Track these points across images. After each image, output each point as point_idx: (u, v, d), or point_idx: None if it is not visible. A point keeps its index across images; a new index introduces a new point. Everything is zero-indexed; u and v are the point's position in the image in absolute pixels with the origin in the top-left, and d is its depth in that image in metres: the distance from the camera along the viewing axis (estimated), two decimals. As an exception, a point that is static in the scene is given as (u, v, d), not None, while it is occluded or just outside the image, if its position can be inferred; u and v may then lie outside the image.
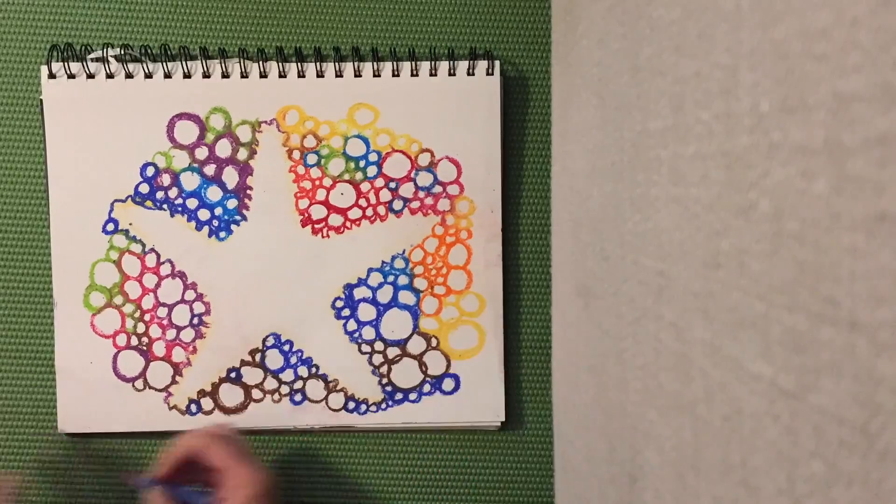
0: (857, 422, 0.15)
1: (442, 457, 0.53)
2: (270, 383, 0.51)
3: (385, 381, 0.51)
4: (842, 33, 0.16)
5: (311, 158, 0.51)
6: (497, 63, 0.50)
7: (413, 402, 0.51)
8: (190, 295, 0.51)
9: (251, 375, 0.51)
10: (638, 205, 0.29)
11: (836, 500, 0.16)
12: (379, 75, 0.50)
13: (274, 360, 0.51)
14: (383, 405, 0.51)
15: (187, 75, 0.50)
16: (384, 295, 0.51)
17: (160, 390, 0.51)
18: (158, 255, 0.51)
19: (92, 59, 0.49)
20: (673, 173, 0.25)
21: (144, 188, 0.50)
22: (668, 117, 0.26)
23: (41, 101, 0.49)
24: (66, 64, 0.49)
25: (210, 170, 0.50)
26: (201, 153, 0.50)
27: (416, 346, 0.51)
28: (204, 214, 0.50)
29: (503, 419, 0.51)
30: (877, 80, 0.15)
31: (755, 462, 0.20)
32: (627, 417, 0.30)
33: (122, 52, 0.50)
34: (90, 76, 0.49)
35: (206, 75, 0.50)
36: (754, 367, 0.19)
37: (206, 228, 0.50)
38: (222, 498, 0.42)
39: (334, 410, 0.51)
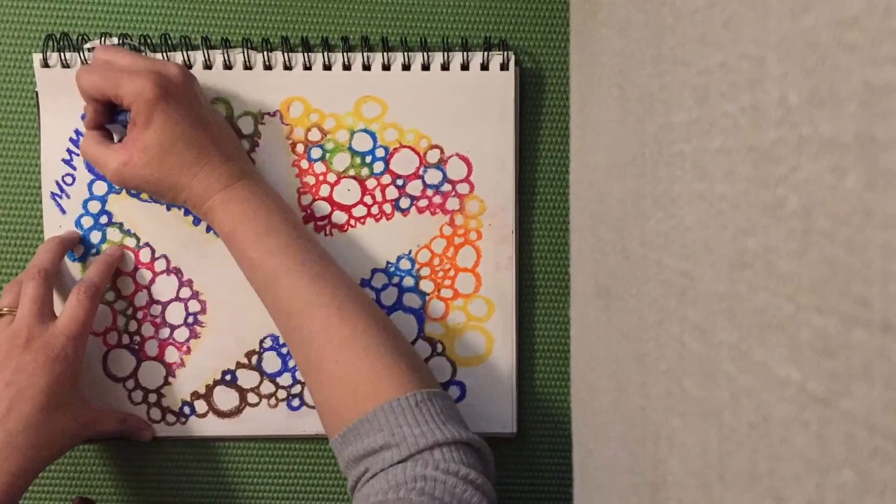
0: (890, 429, 0.16)
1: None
2: (267, 387, 0.51)
3: (390, 387, 0.52)
4: (874, 22, 0.16)
5: (316, 152, 0.51)
6: (512, 57, 0.50)
7: (418, 410, 0.52)
8: (185, 293, 0.51)
9: (247, 378, 0.51)
10: (660, 202, 0.29)
11: (867, 509, 0.16)
12: (388, 68, 0.50)
13: (271, 362, 0.51)
14: (387, 413, 0.52)
15: (188, 66, 0.50)
16: (388, 297, 0.52)
17: (152, 391, 0.51)
18: (153, 251, 0.51)
19: (89, 49, 0.50)
20: (697, 169, 0.26)
21: (140, 182, 0.51)
22: (693, 110, 0.26)
23: (36, 92, 0.50)
24: (62, 54, 0.49)
25: (208, 163, 0.51)
26: (199, 145, 0.51)
27: (420, 351, 0.51)
28: (201, 210, 0.51)
29: (514, 431, 0.51)
30: (912, 71, 0.15)
31: (783, 471, 0.20)
32: (650, 424, 0.30)
33: (121, 42, 0.50)
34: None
35: (208, 66, 0.50)
36: (783, 371, 0.20)
37: (203, 223, 0.51)
38: (131, 115, 0.44)
39: (336, 418, 0.52)
